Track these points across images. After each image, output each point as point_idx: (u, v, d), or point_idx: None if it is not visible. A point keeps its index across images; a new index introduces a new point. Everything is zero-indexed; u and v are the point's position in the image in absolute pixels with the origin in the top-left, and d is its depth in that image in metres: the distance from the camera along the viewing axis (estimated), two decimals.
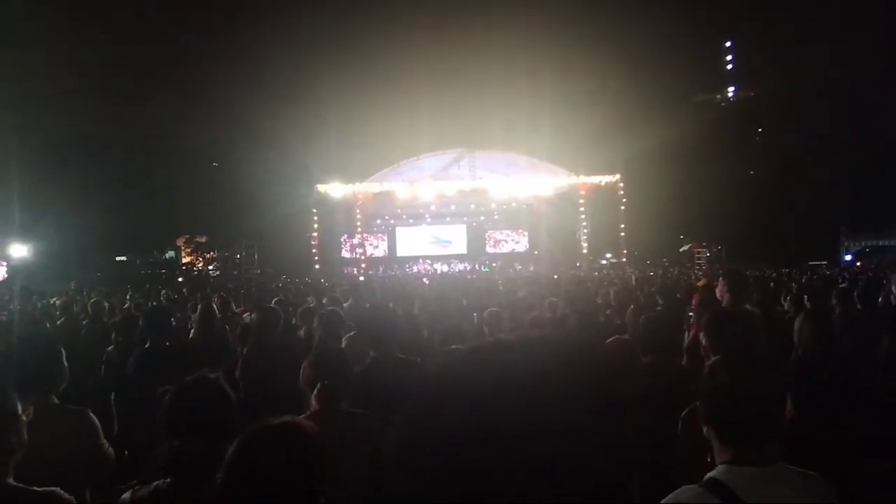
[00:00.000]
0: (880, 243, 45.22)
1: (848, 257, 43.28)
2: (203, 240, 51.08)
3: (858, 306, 5.93)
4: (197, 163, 47.82)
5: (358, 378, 3.02)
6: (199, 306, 7.07)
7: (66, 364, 2.90)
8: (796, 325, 3.94)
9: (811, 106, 49.38)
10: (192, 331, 6.05)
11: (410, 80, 48.10)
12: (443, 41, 52.18)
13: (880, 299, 6.51)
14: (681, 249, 44.87)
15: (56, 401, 2.77)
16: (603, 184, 35.45)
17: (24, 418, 2.02)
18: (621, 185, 35.57)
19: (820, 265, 30.84)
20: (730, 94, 64.19)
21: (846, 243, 45.28)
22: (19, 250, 33.67)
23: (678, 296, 8.62)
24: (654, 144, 41.18)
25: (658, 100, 50.49)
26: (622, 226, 36.27)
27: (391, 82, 48.10)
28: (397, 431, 0.64)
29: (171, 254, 53.33)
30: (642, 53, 51.87)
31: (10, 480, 1.94)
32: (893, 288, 6.31)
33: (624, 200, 35.77)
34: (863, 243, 45.40)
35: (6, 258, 33.64)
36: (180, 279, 35.90)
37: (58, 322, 7.45)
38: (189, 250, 52.50)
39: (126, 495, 1.99)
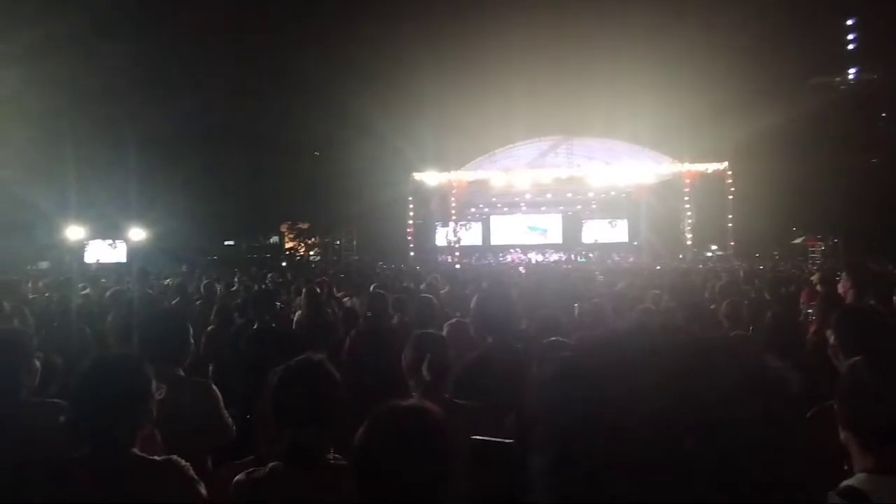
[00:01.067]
0: None
1: None
2: (305, 226, 53.00)
3: None
4: (300, 152, 49.57)
5: (469, 364, 3.01)
6: (304, 290, 7.33)
7: (192, 341, 3.07)
8: None
9: None
10: (298, 313, 6.26)
11: (507, 67, 47.70)
12: (540, 25, 51.43)
13: None
14: (793, 242, 42.21)
15: (182, 373, 2.93)
16: (710, 171, 33.90)
17: (157, 396, 2.15)
18: (729, 172, 33.89)
19: None
20: (850, 77, 59.63)
21: None
22: (137, 234, 36.13)
23: (784, 290, 8.16)
24: (766, 130, 38.78)
25: (771, 82, 47.47)
26: (729, 216, 34.53)
27: (488, 69, 47.88)
28: (544, 384, 0.63)
29: (274, 239, 55.75)
30: (754, 33, 48.99)
31: (135, 450, 2.04)
32: None
33: (732, 189, 34.06)
34: None
35: (126, 240, 36.16)
36: (283, 263, 37.45)
37: (173, 302, 7.92)
38: (292, 236, 54.64)
39: (241, 476, 2.03)
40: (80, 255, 33.54)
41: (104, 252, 35.42)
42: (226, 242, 51.90)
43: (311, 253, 51.52)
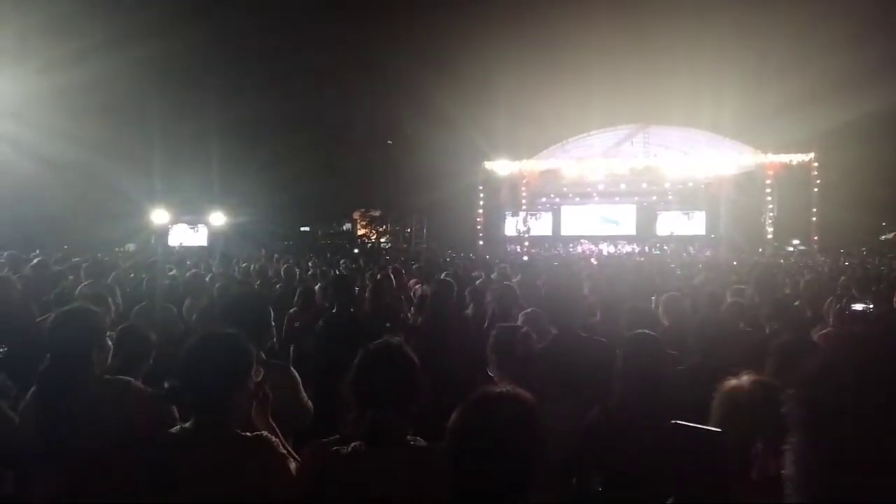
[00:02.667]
0: None
1: None
2: (377, 213, 53.86)
3: None
4: (374, 140, 50.34)
5: (543, 354, 3.00)
6: (376, 276, 7.45)
7: (272, 323, 3.18)
8: None
9: None
10: (365, 301, 6.39)
11: (583, 54, 46.84)
12: (618, 10, 50.13)
13: None
14: (882, 237, 39.86)
15: (264, 356, 3.04)
16: (794, 163, 32.37)
17: (255, 378, 2.25)
18: (815, 164, 32.27)
19: None
20: None
21: None
22: (218, 218, 37.54)
23: (873, 289, 7.72)
24: (856, 119, 36.49)
25: (862, 67, 44.66)
26: (814, 209, 32.92)
27: (562, 57, 47.14)
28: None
29: (347, 226, 56.88)
30: (845, 13, 46.22)
31: (232, 426, 2.12)
32: None
33: (818, 182, 32.43)
34: None
35: (207, 224, 37.64)
36: (356, 250, 38.18)
37: (255, 285, 8.20)
38: (364, 223, 55.63)
39: (325, 452, 2.09)
40: (165, 239, 35.11)
41: (187, 235, 36.96)
42: (301, 228, 53.31)
43: (383, 240, 52.31)
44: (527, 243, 35.99)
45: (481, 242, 35.94)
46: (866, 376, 0.57)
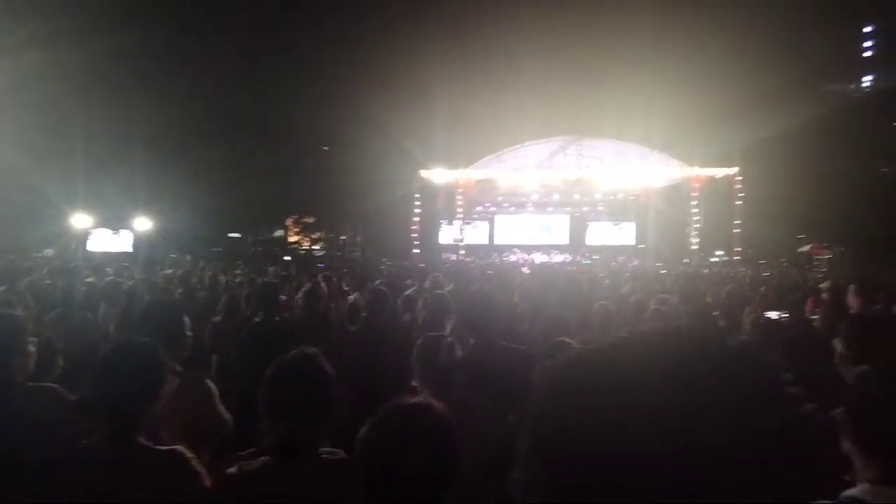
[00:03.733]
0: None
1: None
2: (311, 220, 53.12)
3: None
4: (308, 146, 49.66)
5: (463, 364, 2.99)
6: (306, 285, 7.32)
7: (189, 333, 3.05)
8: None
9: None
10: (298, 308, 6.26)
11: (518, 67, 47.55)
12: (551, 26, 51.25)
13: None
14: (799, 250, 42.01)
15: (178, 367, 2.92)
16: (719, 176, 33.81)
17: (166, 387, 2.16)
18: (739, 178, 33.77)
19: None
20: (865, 84, 59.24)
21: None
22: (143, 223, 36.28)
23: (790, 298, 8.11)
24: (777, 135, 38.47)
25: (783, 87, 47.04)
26: (737, 222, 34.44)
27: (498, 69, 47.78)
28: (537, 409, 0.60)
29: (279, 232, 55.84)
30: (767, 37, 48.67)
31: (141, 439, 2.05)
32: None
33: (740, 195, 33.95)
34: None
35: (131, 230, 36.35)
36: (287, 258, 37.54)
37: (176, 293, 7.93)
38: (297, 230, 54.73)
39: (233, 469, 2.04)
40: (85, 244, 33.72)
41: (109, 241, 35.64)
42: (230, 234, 52.05)
43: (316, 248, 51.62)
44: (462, 252, 36.25)
45: (417, 251, 35.98)
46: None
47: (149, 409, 2.09)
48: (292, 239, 55.06)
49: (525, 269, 19.37)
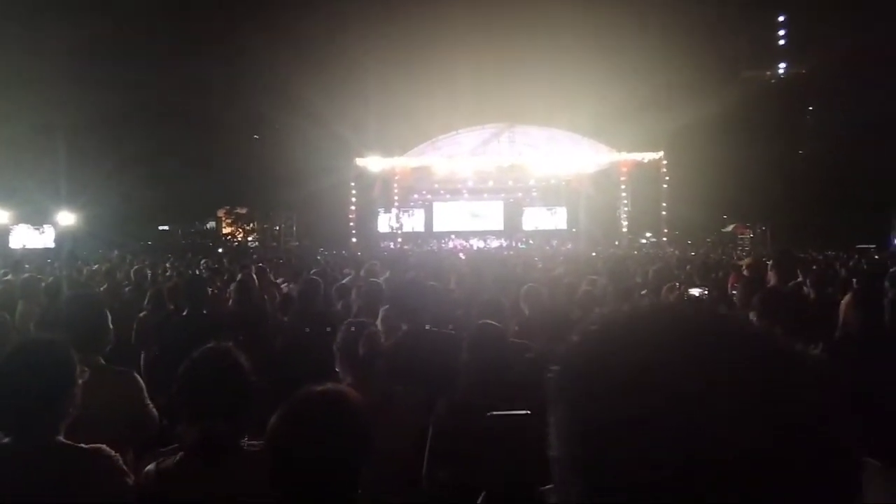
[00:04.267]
0: None
1: None
2: (243, 211, 51.87)
3: None
4: (239, 135, 48.39)
5: (390, 351, 2.99)
6: (238, 276, 7.18)
7: (111, 327, 2.96)
8: (842, 305, 3.80)
9: (865, 85, 47.44)
10: (230, 300, 6.15)
11: (451, 54, 47.62)
12: (484, 13, 51.45)
13: None
14: (724, 230, 43.86)
15: (103, 361, 2.83)
16: (646, 161, 34.82)
17: (79, 382, 2.07)
18: (664, 162, 34.87)
19: (868, 249, 29.86)
20: (780, 71, 62.00)
21: None
22: (66, 218, 34.68)
23: (714, 275, 8.48)
24: (700, 121, 40.04)
25: (705, 75, 48.92)
26: (664, 204, 35.61)
27: (432, 56, 47.68)
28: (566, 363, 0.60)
29: (211, 224, 54.35)
30: (689, 26, 50.33)
31: (60, 437, 1.99)
32: None
33: (667, 178, 35.08)
34: None
35: (54, 225, 34.74)
36: (220, 250, 36.59)
37: (101, 288, 7.63)
38: (229, 221, 53.37)
39: (151, 467, 2.00)
40: (5, 240, 32.08)
41: (30, 237, 34.00)
42: (160, 228, 50.32)
43: (250, 239, 50.51)
44: (400, 240, 36.19)
45: (354, 239, 35.70)
46: (616, 352, 0.57)
47: (61, 407, 2.00)
48: (225, 230, 53.72)
49: (461, 255, 19.51)
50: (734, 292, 5.88)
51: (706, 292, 5.31)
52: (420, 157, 35.77)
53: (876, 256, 20.18)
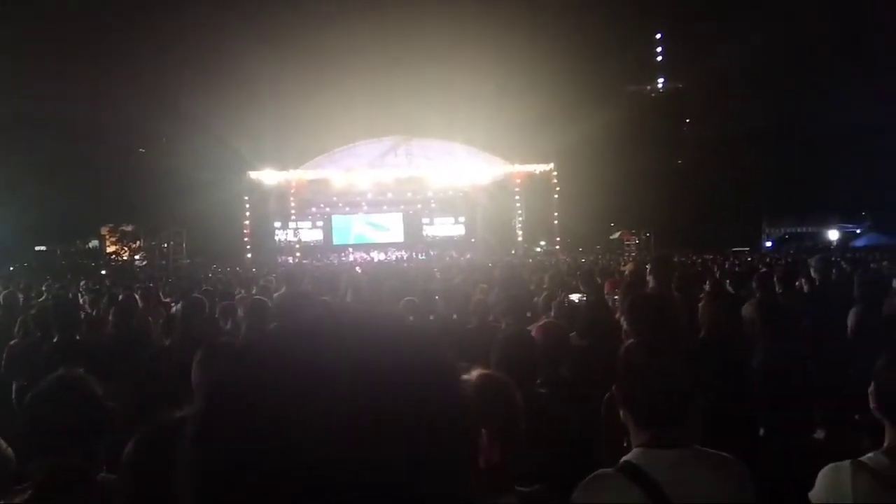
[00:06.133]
0: (799, 230, 47.60)
1: (769, 244, 45.37)
2: (129, 228, 49.04)
3: (778, 290, 6.22)
4: (123, 148, 45.88)
5: None
6: (118, 298, 6.79)
7: None
8: (700, 307, 4.06)
9: (735, 97, 51.31)
10: (109, 325, 5.82)
11: (346, 66, 47.39)
12: (380, 27, 51.60)
13: (798, 283, 6.86)
14: (611, 237, 46.03)
15: None
16: (537, 172, 35.98)
17: None
18: (555, 173, 36.16)
19: (742, 251, 32.19)
20: (659, 85, 65.96)
21: (767, 230, 47.40)
22: None
23: (598, 281, 8.86)
24: (587, 134, 42.03)
25: (591, 90, 51.43)
26: (556, 214, 36.91)
27: (326, 67, 47.27)
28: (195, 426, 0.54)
29: (94, 243, 51.03)
30: (576, 45, 52.72)
31: None
32: (812, 272, 6.64)
33: (557, 189, 36.40)
34: (782, 230, 47.64)
35: None
36: (103, 272, 34.44)
37: None
38: (114, 239, 50.31)
39: None
40: None
41: None
42: (37, 248, 46.71)
43: (137, 257, 47.85)
44: (298, 254, 35.46)
45: (249, 255, 34.63)
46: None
47: None
48: (110, 249, 50.56)
49: (357, 269, 19.36)
50: (616, 297, 6.18)
51: (584, 298, 5.55)
52: (317, 170, 35.27)
53: (749, 258, 21.76)
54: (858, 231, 45.60)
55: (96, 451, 1.91)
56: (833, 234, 46.25)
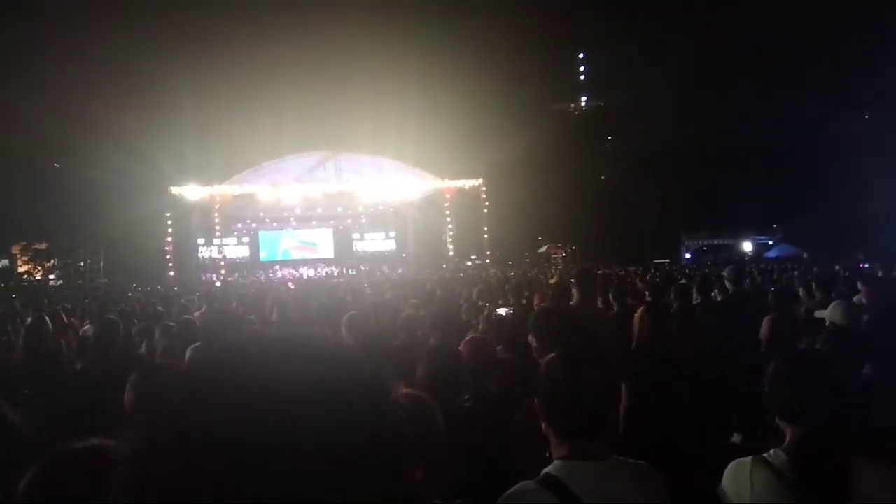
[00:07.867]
0: (715, 242, 49.95)
1: (688, 256, 47.35)
2: (42, 247, 46.53)
3: (696, 300, 6.50)
4: (35, 162, 43.56)
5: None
6: (28, 320, 6.44)
7: None
8: (635, 318, 4.21)
9: (654, 116, 53.41)
10: (18, 348, 5.51)
11: (273, 79, 46.74)
12: (307, 41, 51.12)
13: (714, 293, 7.19)
14: (539, 250, 46.97)
15: None
16: (467, 187, 36.38)
17: None
18: (484, 188, 36.66)
19: (663, 263, 33.44)
20: (583, 104, 67.96)
21: (686, 243, 49.51)
22: None
23: (526, 294, 9.02)
24: (514, 150, 42.92)
25: (518, 108, 52.51)
26: (485, 228, 37.40)
27: (253, 80, 46.47)
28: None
29: (4, 262, 48.16)
30: (504, 63, 53.71)
31: None
32: (726, 283, 6.95)
33: (486, 204, 36.91)
34: (700, 243, 49.85)
35: None
36: (13, 295, 32.50)
37: None
38: (26, 258, 47.63)
39: None
40: None
41: None
42: None
43: (51, 277, 45.42)
44: (223, 271, 34.48)
45: (172, 273, 33.43)
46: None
47: None
48: (21, 269, 47.77)
49: (290, 285, 19.05)
50: None
51: (511, 311, 5.62)
52: (243, 185, 34.46)
53: (668, 270, 22.61)
54: (771, 243, 48.17)
55: (14, 481, 1.79)
56: (748, 246, 48.70)
